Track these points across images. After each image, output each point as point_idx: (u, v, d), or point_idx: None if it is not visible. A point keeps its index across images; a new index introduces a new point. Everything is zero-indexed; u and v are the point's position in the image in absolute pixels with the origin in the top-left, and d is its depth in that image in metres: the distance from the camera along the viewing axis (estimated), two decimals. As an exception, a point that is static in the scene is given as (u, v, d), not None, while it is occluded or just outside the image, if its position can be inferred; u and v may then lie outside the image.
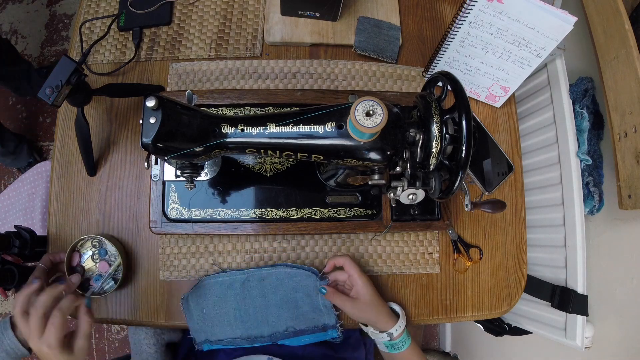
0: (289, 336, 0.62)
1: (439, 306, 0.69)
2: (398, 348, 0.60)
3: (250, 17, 0.75)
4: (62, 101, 0.57)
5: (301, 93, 0.66)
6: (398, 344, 0.59)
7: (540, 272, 0.78)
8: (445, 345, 1.51)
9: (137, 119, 0.71)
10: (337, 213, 0.65)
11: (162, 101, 0.45)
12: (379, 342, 0.61)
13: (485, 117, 0.75)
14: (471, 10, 0.59)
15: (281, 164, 0.66)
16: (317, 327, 0.62)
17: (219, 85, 0.72)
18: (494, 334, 0.89)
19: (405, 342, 0.60)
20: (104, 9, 0.76)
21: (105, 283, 0.64)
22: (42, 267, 0.57)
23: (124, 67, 0.72)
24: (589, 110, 0.71)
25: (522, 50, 0.63)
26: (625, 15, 0.60)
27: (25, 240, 0.64)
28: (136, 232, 0.68)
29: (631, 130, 0.60)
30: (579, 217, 0.70)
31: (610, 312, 0.69)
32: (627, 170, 0.61)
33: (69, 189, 0.69)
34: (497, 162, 0.72)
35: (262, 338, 0.61)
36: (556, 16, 0.57)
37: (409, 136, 0.47)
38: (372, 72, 0.74)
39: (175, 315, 0.66)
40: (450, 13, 0.78)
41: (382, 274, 0.69)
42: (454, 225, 0.70)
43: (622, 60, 0.61)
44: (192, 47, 0.74)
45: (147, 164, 0.53)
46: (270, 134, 0.48)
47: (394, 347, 0.60)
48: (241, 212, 0.64)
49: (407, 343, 0.60)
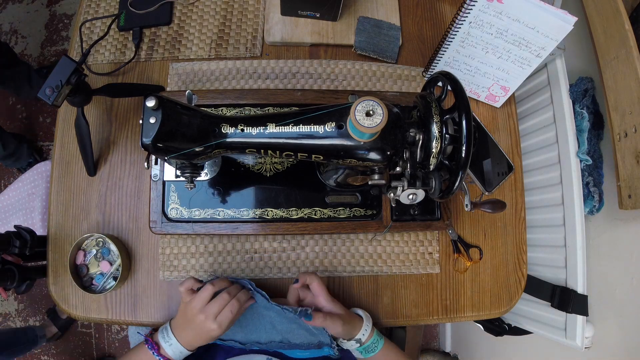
0: (284, 347, 0.61)
1: (439, 306, 0.69)
2: (372, 350, 0.59)
3: (250, 17, 0.75)
4: (62, 101, 0.57)
5: (301, 93, 0.66)
6: (370, 347, 0.59)
7: (540, 272, 0.78)
8: (445, 345, 1.51)
9: (137, 119, 0.71)
10: (337, 213, 0.65)
11: (162, 101, 0.45)
12: (353, 350, 0.60)
13: (485, 117, 0.75)
14: (471, 10, 0.59)
15: (281, 164, 0.66)
16: (312, 344, 0.61)
17: (219, 85, 0.72)
18: (494, 334, 0.89)
19: (377, 344, 0.59)
20: (104, 9, 0.76)
21: (107, 283, 0.64)
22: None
23: (124, 67, 0.72)
24: (589, 110, 0.71)
25: (522, 50, 0.63)
26: (625, 15, 0.60)
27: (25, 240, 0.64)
28: (136, 232, 0.68)
29: (631, 130, 0.60)
30: (579, 217, 0.70)
31: (610, 312, 0.69)
32: (627, 170, 0.61)
33: (69, 189, 0.69)
34: (497, 162, 0.72)
35: (258, 344, 0.61)
36: (556, 16, 0.57)
37: (409, 136, 0.47)
38: (372, 72, 0.74)
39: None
40: (450, 13, 0.78)
41: (382, 274, 0.69)
42: (454, 225, 0.70)
43: (622, 60, 0.61)
44: (192, 47, 0.74)
45: (147, 164, 0.53)
46: (270, 134, 0.48)
47: (368, 351, 0.59)
48: (241, 212, 0.64)
49: (380, 344, 0.59)
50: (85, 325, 1.51)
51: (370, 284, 0.69)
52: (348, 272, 0.68)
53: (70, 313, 0.66)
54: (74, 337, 1.51)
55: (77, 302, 0.66)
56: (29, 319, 1.52)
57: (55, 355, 1.50)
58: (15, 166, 1.53)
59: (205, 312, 0.52)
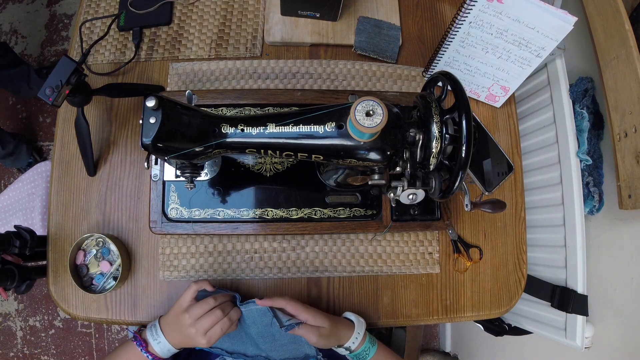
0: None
1: (439, 306, 0.69)
2: (363, 358, 0.58)
3: (250, 17, 0.75)
4: (62, 101, 0.57)
5: (301, 93, 0.66)
6: (361, 354, 0.58)
7: (540, 272, 0.78)
8: (445, 345, 1.51)
9: (137, 119, 0.71)
10: (337, 213, 0.65)
11: (162, 101, 0.45)
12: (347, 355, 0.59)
13: (485, 117, 0.75)
14: (471, 10, 0.59)
15: (281, 164, 0.66)
16: (298, 357, 0.60)
17: (219, 85, 0.72)
18: (494, 334, 0.89)
19: (369, 351, 0.58)
20: (104, 9, 0.76)
21: (107, 283, 0.64)
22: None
23: (124, 67, 0.72)
24: (589, 110, 0.71)
25: (522, 50, 0.63)
26: (625, 15, 0.60)
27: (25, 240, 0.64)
28: (136, 232, 0.68)
29: (631, 130, 0.60)
30: (579, 217, 0.70)
31: (610, 312, 0.69)
32: (627, 170, 0.61)
33: (69, 189, 0.69)
34: (497, 162, 0.72)
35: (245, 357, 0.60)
36: (556, 16, 0.57)
37: (409, 136, 0.47)
38: (372, 72, 0.74)
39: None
40: (450, 13, 0.78)
41: (382, 274, 0.69)
42: (454, 225, 0.70)
43: (622, 60, 0.61)
44: (192, 47, 0.74)
45: (147, 164, 0.53)
46: (270, 134, 0.48)
47: (359, 358, 0.58)
48: (241, 212, 0.64)
49: (372, 351, 0.58)
50: (85, 325, 1.51)
51: (370, 284, 0.69)
52: (348, 272, 0.68)
53: (70, 313, 0.66)
54: (74, 337, 1.51)
55: (77, 302, 0.66)
56: (29, 319, 1.52)
57: (55, 356, 1.50)
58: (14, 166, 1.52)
59: (196, 326, 0.53)
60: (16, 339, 1.51)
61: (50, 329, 1.51)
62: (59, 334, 1.51)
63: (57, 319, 1.52)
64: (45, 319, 1.51)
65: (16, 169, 1.58)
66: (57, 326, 1.51)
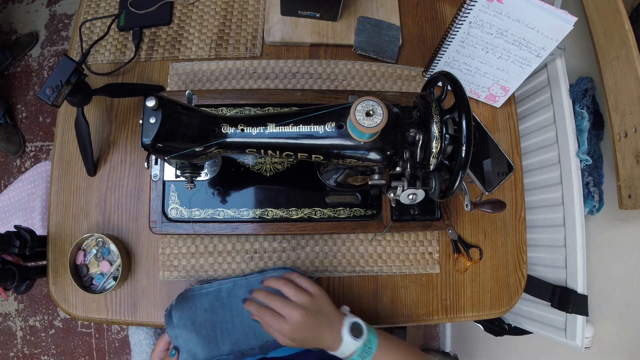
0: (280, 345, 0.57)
1: (439, 306, 0.69)
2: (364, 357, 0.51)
3: (250, 17, 0.75)
4: (62, 101, 0.57)
5: (301, 93, 0.66)
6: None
7: (540, 272, 0.78)
8: (445, 345, 1.51)
9: (137, 119, 0.71)
10: (337, 213, 0.65)
11: (162, 101, 0.45)
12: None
13: (485, 117, 0.75)
14: (471, 10, 0.59)
15: (281, 164, 0.66)
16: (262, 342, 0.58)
17: (219, 85, 0.72)
18: (494, 334, 0.89)
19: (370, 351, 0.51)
20: (104, 9, 0.76)
21: (107, 283, 0.64)
22: None
23: (124, 67, 0.72)
24: (589, 110, 0.71)
25: (522, 50, 0.63)
26: (625, 15, 0.60)
27: (25, 240, 0.64)
28: (136, 232, 0.68)
29: (631, 130, 0.60)
30: (579, 217, 0.70)
31: (610, 312, 0.69)
32: (627, 170, 0.61)
33: (69, 189, 0.69)
34: (497, 162, 0.72)
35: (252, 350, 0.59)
36: (556, 16, 0.57)
37: (409, 136, 0.47)
38: (372, 72, 0.74)
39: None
40: (450, 13, 0.78)
41: (382, 274, 0.69)
42: (454, 225, 0.70)
43: (622, 60, 0.61)
44: (192, 47, 0.74)
45: (147, 164, 0.53)
46: (270, 134, 0.48)
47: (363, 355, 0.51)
48: (241, 212, 0.64)
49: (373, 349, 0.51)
50: (85, 325, 1.51)
51: (370, 284, 0.69)
52: (348, 272, 0.68)
53: (70, 313, 0.66)
54: (74, 337, 1.51)
55: (77, 302, 0.66)
56: (29, 319, 1.52)
57: (55, 356, 1.50)
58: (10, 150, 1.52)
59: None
60: (16, 339, 1.51)
61: (50, 329, 1.51)
62: (59, 334, 1.51)
63: (57, 319, 1.52)
64: (45, 319, 1.51)
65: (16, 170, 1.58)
66: (57, 326, 1.51)
